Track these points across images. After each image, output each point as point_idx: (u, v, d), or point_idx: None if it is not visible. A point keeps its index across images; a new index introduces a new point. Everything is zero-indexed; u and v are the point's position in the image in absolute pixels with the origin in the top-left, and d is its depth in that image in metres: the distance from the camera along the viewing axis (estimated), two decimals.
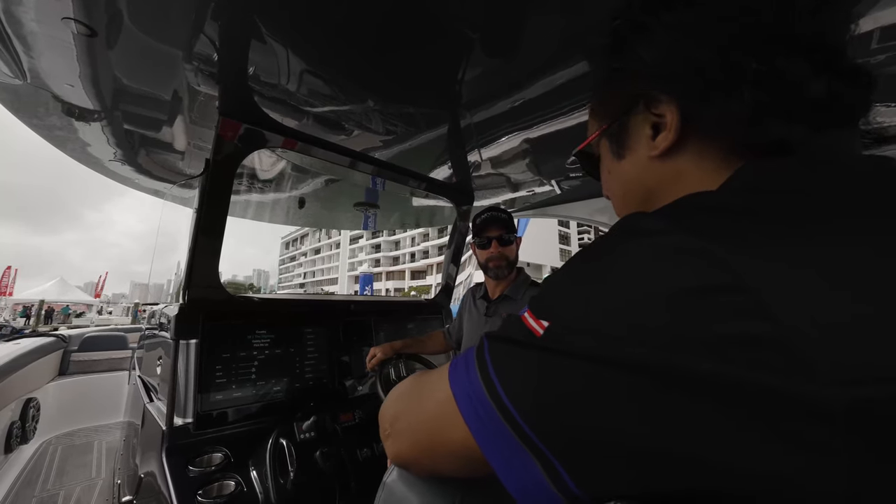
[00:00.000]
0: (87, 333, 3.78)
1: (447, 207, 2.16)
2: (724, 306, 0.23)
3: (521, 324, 0.32)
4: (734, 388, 0.22)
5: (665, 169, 0.40)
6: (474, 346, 0.36)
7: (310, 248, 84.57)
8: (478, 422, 0.32)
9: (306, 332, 1.41)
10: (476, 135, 1.31)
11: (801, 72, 0.32)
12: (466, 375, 0.34)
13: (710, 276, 0.24)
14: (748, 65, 0.33)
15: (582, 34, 0.78)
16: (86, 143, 1.46)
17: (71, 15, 0.73)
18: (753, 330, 0.22)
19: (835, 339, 0.21)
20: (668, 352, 0.24)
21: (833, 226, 0.26)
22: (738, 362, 0.22)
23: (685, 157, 0.38)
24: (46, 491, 2.29)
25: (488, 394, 0.31)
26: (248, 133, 1.15)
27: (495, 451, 0.30)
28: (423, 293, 37.64)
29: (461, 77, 0.96)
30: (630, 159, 0.44)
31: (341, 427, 1.28)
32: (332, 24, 0.79)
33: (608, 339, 0.26)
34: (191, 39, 0.82)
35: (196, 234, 1.12)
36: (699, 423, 0.23)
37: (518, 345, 0.31)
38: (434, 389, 0.39)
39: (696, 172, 0.38)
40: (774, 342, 0.21)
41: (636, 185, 0.44)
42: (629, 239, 0.30)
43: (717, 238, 0.26)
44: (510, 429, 0.29)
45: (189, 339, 1.12)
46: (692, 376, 0.23)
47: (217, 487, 1.00)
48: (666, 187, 0.40)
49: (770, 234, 0.26)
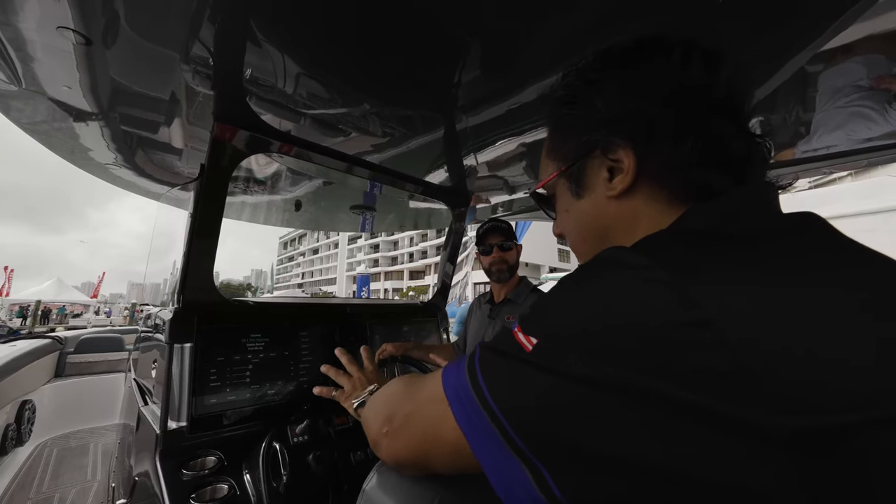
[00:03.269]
0: (84, 335, 3.77)
1: (444, 210, 2.17)
2: (692, 340, 0.26)
3: (512, 338, 0.35)
4: (699, 411, 0.25)
5: (621, 208, 0.44)
6: (467, 354, 0.39)
7: (308, 248, 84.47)
8: (469, 425, 0.34)
9: (301, 336, 1.41)
10: (472, 138, 1.31)
11: (726, 130, 0.39)
12: (458, 381, 0.36)
13: (681, 312, 0.27)
14: (688, 119, 0.39)
15: (579, 37, 0.79)
16: (84, 148, 1.47)
17: (67, 25, 0.74)
18: (714, 363, 0.25)
19: (783, 375, 0.24)
20: (641, 375, 0.26)
21: (786, 264, 0.29)
22: (702, 389, 0.25)
23: (638, 198, 0.43)
24: (41, 494, 2.29)
25: (478, 400, 0.33)
26: (243, 138, 1.15)
27: (485, 453, 0.33)
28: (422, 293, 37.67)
29: (458, 81, 0.97)
30: (588, 199, 0.48)
31: (335, 430, 1.29)
32: (328, 29, 0.80)
33: (591, 359, 0.29)
34: (187, 44, 0.83)
35: (191, 238, 1.13)
36: (668, 439, 0.25)
37: (509, 357, 0.34)
38: (428, 391, 0.41)
39: (648, 212, 0.42)
40: (732, 375, 0.24)
41: (594, 222, 0.48)
42: (613, 270, 0.33)
43: (690, 275, 0.29)
44: (499, 433, 0.31)
45: (183, 343, 1.13)
46: (663, 398, 0.26)
47: (210, 491, 1.01)
48: (622, 225, 0.45)
49: (734, 273, 0.29)
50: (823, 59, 0.87)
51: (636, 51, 0.43)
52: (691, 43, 0.41)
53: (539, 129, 1.19)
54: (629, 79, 0.43)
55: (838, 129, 1.23)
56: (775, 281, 0.28)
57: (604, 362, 0.28)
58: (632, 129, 0.42)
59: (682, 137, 0.39)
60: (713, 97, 0.40)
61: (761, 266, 0.29)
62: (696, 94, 0.40)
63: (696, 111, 0.40)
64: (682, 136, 0.39)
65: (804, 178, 1.88)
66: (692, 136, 0.39)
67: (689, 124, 0.40)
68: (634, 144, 0.42)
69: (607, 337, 0.29)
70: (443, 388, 0.38)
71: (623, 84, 0.43)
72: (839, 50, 0.84)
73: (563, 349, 0.30)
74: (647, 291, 0.29)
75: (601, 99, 0.44)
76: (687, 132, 0.39)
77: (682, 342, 0.26)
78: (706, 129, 0.39)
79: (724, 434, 0.24)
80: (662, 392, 0.26)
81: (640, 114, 0.42)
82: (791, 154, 1.44)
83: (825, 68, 0.91)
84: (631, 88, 0.43)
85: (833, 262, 0.30)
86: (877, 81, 0.98)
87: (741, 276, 0.29)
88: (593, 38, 0.79)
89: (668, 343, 0.26)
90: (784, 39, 0.80)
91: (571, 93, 0.48)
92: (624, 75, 0.43)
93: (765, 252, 0.31)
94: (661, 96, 0.41)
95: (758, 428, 0.23)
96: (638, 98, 0.42)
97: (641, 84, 0.42)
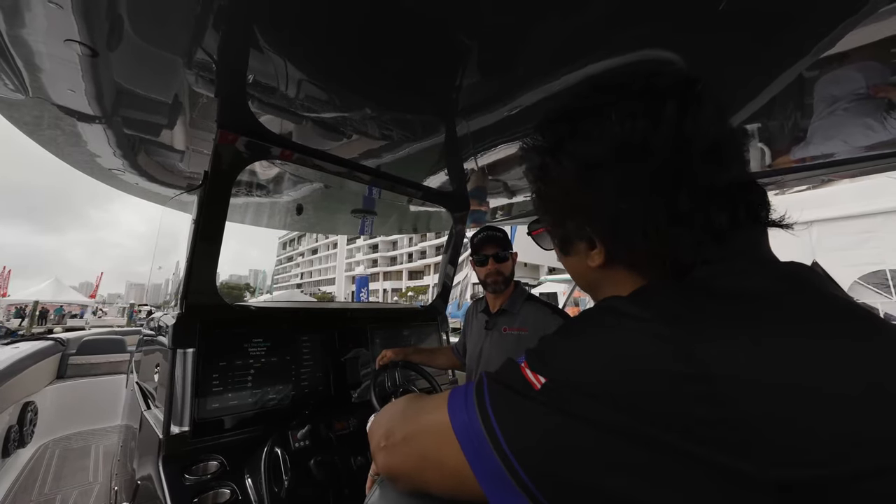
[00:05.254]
0: (86, 337, 3.78)
1: (444, 213, 2.18)
2: (691, 392, 0.28)
3: (520, 374, 0.35)
4: (697, 460, 0.27)
5: (603, 274, 0.46)
6: (473, 383, 0.39)
7: (307, 248, 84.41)
8: (475, 456, 0.35)
9: (302, 340, 1.42)
10: (472, 142, 1.32)
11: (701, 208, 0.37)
12: (466, 412, 0.37)
13: (680, 365, 0.29)
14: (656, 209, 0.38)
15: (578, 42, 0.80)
16: (91, 153, 1.48)
17: (74, 37, 0.75)
18: (710, 415, 0.27)
19: (773, 430, 0.26)
20: (645, 423, 0.28)
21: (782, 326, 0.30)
22: (698, 439, 0.27)
23: (618, 268, 0.44)
24: (43, 495, 2.29)
25: (486, 433, 0.34)
26: (245, 145, 1.16)
27: (491, 487, 0.34)
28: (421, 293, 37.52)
29: (458, 85, 0.98)
30: (574, 260, 0.49)
31: (336, 435, 1.30)
32: (330, 36, 0.81)
33: (599, 404, 0.30)
34: (190, 51, 0.84)
35: (194, 243, 1.14)
36: (672, 485, 0.27)
37: (517, 394, 0.35)
38: (431, 414, 0.42)
39: (629, 279, 0.43)
40: (729, 427, 0.26)
41: (580, 278, 0.51)
42: (616, 318, 0.34)
43: (687, 329, 0.31)
44: (506, 470, 0.32)
45: (186, 348, 1.14)
46: (667, 446, 0.27)
47: (213, 496, 1.02)
48: (606, 286, 0.46)
49: (731, 329, 0.30)
50: (822, 66, 0.88)
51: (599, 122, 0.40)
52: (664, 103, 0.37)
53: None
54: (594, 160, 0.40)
55: (836, 136, 1.24)
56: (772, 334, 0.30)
57: (612, 409, 0.29)
58: (599, 218, 0.42)
59: (650, 231, 0.38)
60: (687, 173, 0.37)
61: (757, 322, 0.31)
62: (667, 173, 0.37)
63: (667, 192, 0.37)
64: (651, 228, 0.38)
65: (802, 185, 1.89)
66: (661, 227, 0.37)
67: (660, 208, 0.37)
68: (603, 233, 0.42)
69: (614, 386, 0.30)
70: (448, 415, 0.38)
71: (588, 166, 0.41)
72: (837, 58, 0.84)
73: (570, 392, 0.32)
74: (647, 344, 0.31)
75: (568, 182, 0.43)
76: (657, 223, 0.37)
77: (682, 394, 0.28)
78: (679, 212, 0.37)
79: (724, 484, 0.26)
80: (664, 441, 0.27)
81: (607, 203, 0.40)
82: (788, 161, 1.45)
83: (824, 76, 0.92)
84: (596, 172, 0.40)
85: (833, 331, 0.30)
86: (874, 90, 0.99)
87: (738, 332, 0.30)
88: (592, 45, 0.80)
89: (668, 394, 0.28)
90: (784, 46, 0.81)
91: (542, 168, 0.47)
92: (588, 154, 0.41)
93: (760, 308, 0.32)
94: (629, 180, 0.38)
95: (752, 478, 0.25)
96: (603, 184, 0.40)
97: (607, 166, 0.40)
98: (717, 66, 0.87)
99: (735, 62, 0.86)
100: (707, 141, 0.37)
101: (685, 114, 0.37)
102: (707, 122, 0.38)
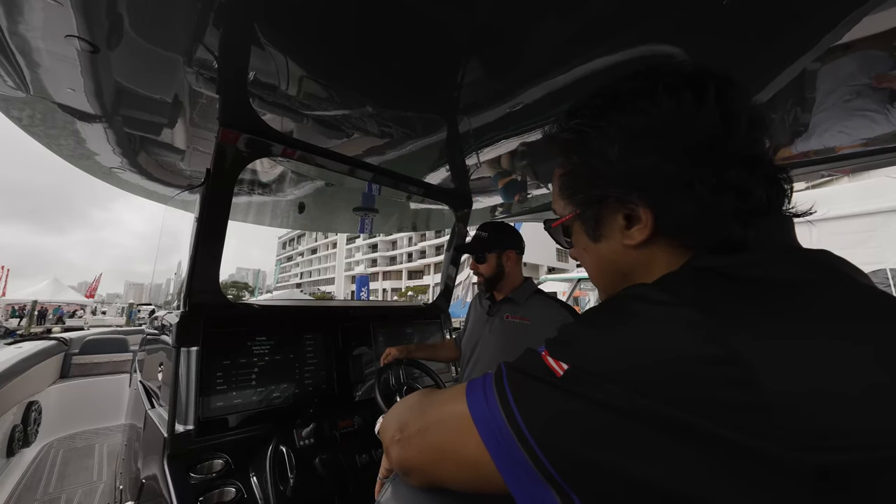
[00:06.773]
0: (88, 337, 3.79)
1: (446, 211, 2.17)
2: (720, 376, 0.27)
3: (540, 361, 0.35)
4: (726, 444, 0.26)
5: (640, 256, 0.44)
6: (491, 373, 0.39)
7: (307, 247, 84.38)
8: (497, 447, 0.34)
9: (305, 338, 1.42)
10: (474, 139, 1.32)
11: (746, 179, 0.38)
12: (485, 402, 0.36)
13: (711, 349, 0.28)
14: (707, 171, 0.38)
15: (582, 39, 0.79)
16: (90, 152, 1.47)
17: (73, 33, 0.74)
18: (741, 398, 0.26)
19: (805, 413, 0.26)
20: (672, 407, 0.28)
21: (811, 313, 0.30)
22: (728, 423, 0.26)
23: (657, 245, 0.43)
24: (48, 495, 2.30)
25: (508, 421, 0.34)
26: (247, 142, 1.16)
27: (513, 476, 0.33)
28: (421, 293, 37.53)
29: (459, 82, 0.98)
30: (605, 244, 0.47)
31: (340, 433, 1.30)
32: (332, 33, 0.80)
33: (622, 389, 0.30)
34: (191, 49, 0.84)
35: (197, 242, 1.14)
36: (697, 470, 0.27)
37: (539, 381, 0.34)
38: (448, 405, 0.41)
39: (666, 259, 0.42)
40: (758, 411, 0.26)
41: (611, 266, 0.48)
42: (644, 305, 0.34)
43: (720, 315, 0.30)
44: (529, 458, 0.32)
45: (190, 347, 1.13)
46: (693, 430, 0.27)
47: (218, 494, 1.02)
48: (639, 270, 0.45)
49: (759, 315, 0.30)
50: (827, 59, 0.87)
51: (647, 94, 0.41)
52: (705, 81, 0.39)
53: (541, 129, 1.20)
54: (641, 129, 0.41)
55: (838, 130, 1.24)
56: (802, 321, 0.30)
57: (636, 394, 0.29)
58: (647, 185, 0.41)
59: (700, 192, 0.38)
60: (731, 145, 0.38)
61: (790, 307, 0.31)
62: (713, 144, 0.38)
63: (714, 162, 0.38)
64: (701, 190, 0.38)
65: (803, 180, 1.89)
66: (711, 189, 0.38)
67: (708, 177, 0.38)
68: (651, 200, 0.41)
69: (639, 371, 0.30)
70: (467, 405, 0.38)
71: (635, 135, 0.41)
72: (842, 50, 0.84)
73: (596, 378, 0.31)
74: (680, 330, 0.30)
75: (613, 151, 0.42)
76: (705, 186, 0.38)
77: (717, 379, 0.27)
78: (725, 181, 0.38)
79: (759, 470, 0.25)
80: (698, 427, 0.27)
81: (655, 169, 0.40)
82: (790, 154, 1.44)
83: (828, 69, 0.92)
84: (644, 140, 0.41)
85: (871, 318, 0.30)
86: (878, 81, 0.98)
87: (772, 319, 0.30)
88: (596, 41, 0.80)
89: (703, 379, 0.28)
90: (789, 41, 0.80)
91: (581, 140, 0.46)
92: (635, 124, 0.41)
93: (793, 294, 0.32)
94: (676, 149, 0.39)
95: (784, 463, 0.25)
96: (651, 152, 0.40)
97: (655, 135, 0.40)
98: (721, 63, 0.87)
99: (739, 57, 0.85)
100: (748, 115, 0.39)
101: (726, 89, 0.39)
102: (745, 99, 0.39)
